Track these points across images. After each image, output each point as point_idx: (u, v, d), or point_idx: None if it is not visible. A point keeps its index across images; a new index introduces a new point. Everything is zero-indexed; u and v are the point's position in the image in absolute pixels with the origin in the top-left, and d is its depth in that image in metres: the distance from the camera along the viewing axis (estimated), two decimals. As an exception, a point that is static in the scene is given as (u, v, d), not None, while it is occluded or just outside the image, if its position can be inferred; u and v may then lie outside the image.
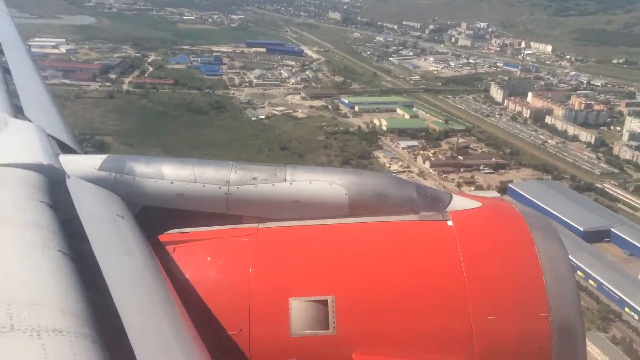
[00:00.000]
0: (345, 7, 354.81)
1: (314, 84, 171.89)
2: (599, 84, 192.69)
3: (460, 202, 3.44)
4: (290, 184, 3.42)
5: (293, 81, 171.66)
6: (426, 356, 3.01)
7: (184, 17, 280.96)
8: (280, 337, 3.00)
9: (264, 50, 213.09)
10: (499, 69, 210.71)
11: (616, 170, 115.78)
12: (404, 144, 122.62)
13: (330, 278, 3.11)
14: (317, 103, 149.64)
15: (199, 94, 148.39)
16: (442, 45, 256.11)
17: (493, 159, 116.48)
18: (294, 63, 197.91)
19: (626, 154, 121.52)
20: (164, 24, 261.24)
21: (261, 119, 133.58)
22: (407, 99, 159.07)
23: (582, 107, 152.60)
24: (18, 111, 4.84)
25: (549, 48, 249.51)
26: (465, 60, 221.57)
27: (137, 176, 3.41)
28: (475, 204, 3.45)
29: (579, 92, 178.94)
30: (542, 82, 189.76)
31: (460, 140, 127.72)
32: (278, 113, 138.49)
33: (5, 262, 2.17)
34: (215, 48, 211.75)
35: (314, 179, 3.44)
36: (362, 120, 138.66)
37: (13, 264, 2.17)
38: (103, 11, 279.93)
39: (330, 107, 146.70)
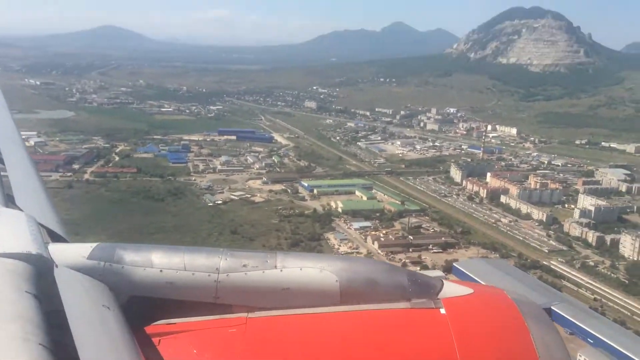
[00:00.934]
0: (322, 96, 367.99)
1: (278, 169, 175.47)
2: (560, 164, 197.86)
3: (452, 289, 3.46)
4: (281, 270, 3.41)
5: (257, 166, 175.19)
6: None
7: (162, 109, 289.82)
8: None
9: (234, 137, 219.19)
10: (463, 151, 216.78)
11: (565, 248, 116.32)
12: (356, 225, 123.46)
13: None
14: (278, 187, 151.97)
15: (160, 181, 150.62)
16: (411, 130, 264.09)
17: (443, 238, 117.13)
18: (262, 149, 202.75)
19: (576, 231, 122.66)
20: (141, 115, 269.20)
21: (218, 204, 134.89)
22: (367, 182, 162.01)
23: (537, 186, 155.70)
24: (9, 200, 4.94)
25: (514, 131, 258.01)
26: (431, 143, 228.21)
27: (126, 265, 3.41)
28: (467, 290, 3.47)
29: (538, 171, 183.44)
30: (503, 163, 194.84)
31: (414, 220, 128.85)
32: (236, 198, 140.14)
33: None
34: (186, 137, 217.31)
35: (305, 266, 3.43)
36: (320, 203, 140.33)
37: None
38: (84, 105, 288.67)
39: (289, 190, 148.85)
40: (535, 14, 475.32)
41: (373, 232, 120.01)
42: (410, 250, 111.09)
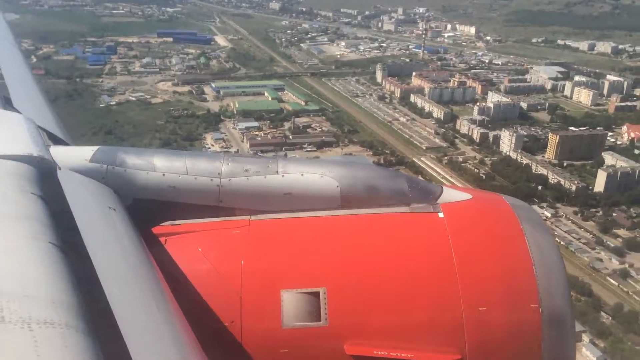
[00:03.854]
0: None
1: (197, 71, 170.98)
2: (500, 63, 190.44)
3: (451, 194, 3.44)
4: (282, 176, 3.41)
5: (177, 68, 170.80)
6: (417, 347, 3.01)
7: (114, 12, 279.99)
8: (271, 329, 2.99)
9: (171, 39, 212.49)
10: (406, 52, 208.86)
11: (445, 145, 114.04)
12: (243, 125, 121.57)
13: (321, 270, 3.10)
14: (186, 89, 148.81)
15: (64, 82, 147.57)
16: (367, 31, 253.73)
17: (323, 138, 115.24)
18: (194, 51, 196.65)
19: (464, 128, 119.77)
20: (88, 18, 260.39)
21: (111, 105, 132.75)
22: (281, 83, 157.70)
23: (454, 85, 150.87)
24: (7, 103, 4.82)
25: (472, 30, 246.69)
26: (377, 44, 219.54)
27: (129, 168, 3.37)
28: (466, 196, 3.45)
29: (473, 71, 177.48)
30: (439, 63, 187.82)
31: (305, 120, 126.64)
32: (133, 99, 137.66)
33: None
34: (123, 39, 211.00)
35: (306, 171, 3.43)
36: (220, 104, 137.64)
37: (3, 255, 2.13)
38: (34, 8, 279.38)
39: (194, 92, 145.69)
40: None
41: (255, 132, 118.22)
42: (283, 149, 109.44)
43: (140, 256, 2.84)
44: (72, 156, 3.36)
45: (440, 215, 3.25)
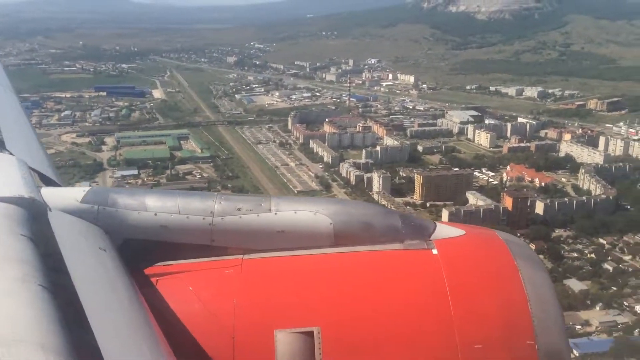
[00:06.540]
0: (252, 52, 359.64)
1: (114, 122, 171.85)
2: (422, 109, 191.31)
3: (444, 231, 3.43)
4: (275, 214, 3.35)
5: (93, 120, 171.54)
6: None
7: (66, 69, 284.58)
8: None
9: (104, 94, 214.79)
10: (338, 100, 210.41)
11: (319, 188, 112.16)
12: (121, 173, 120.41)
13: (315, 309, 3.05)
14: (87, 140, 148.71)
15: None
16: (310, 82, 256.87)
17: (194, 184, 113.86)
18: (122, 104, 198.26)
19: (344, 172, 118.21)
20: (35, 75, 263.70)
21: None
22: (187, 131, 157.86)
23: (359, 130, 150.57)
24: None
25: (412, 79, 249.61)
26: (310, 94, 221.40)
27: (120, 208, 3.35)
28: (459, 231, 3.45)
29: (391, 116, 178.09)
30: (360, 110, 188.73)
31: (189, 167, 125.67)
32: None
33: None
34: (58, 94, 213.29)
35: (299, 209, 3.38)
36: (114, 153, 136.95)
37: None
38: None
39: (93, 142, 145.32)
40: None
41: (130, 180, 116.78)
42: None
43: (131, 298, 2.77)
44: (63, 197, 3.31)
45: (434, 251, 3.22)
